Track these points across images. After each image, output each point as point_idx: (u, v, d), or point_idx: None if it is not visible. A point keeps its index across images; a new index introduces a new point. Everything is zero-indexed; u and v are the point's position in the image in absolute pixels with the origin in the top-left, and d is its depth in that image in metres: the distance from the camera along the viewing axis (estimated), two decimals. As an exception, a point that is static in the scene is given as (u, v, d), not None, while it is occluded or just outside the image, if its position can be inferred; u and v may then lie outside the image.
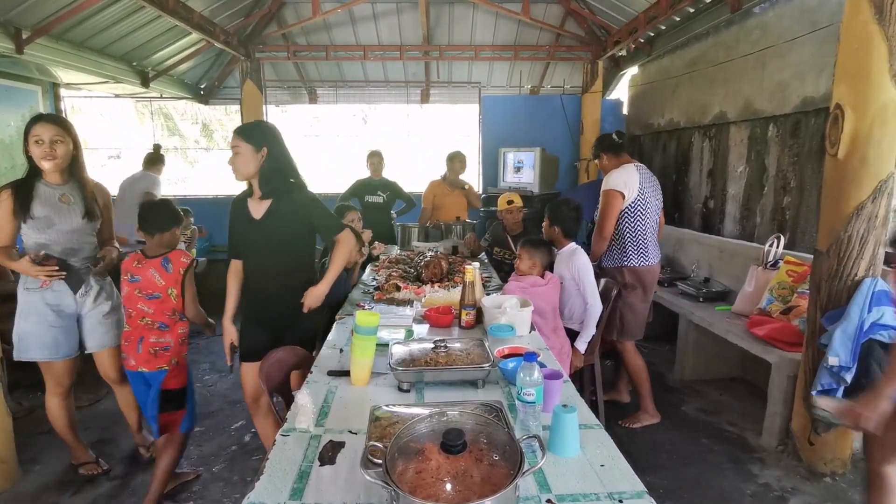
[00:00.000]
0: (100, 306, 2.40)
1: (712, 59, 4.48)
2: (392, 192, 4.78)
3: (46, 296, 2.26)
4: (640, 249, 2.90)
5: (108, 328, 2.42)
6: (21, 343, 2.28)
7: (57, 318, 2.28)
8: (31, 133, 2.16)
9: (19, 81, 5.05)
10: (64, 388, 2.41)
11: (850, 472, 2.51)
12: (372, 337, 1.63)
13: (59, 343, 2.30)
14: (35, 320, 2.25)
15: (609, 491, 1.12)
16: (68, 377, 2.41)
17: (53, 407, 2.42)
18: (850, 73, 2.26)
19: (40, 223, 2.20)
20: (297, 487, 1.13)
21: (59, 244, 2.25)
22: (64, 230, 2.25)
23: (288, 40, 5.98)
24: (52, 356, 2.31)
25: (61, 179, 2.27)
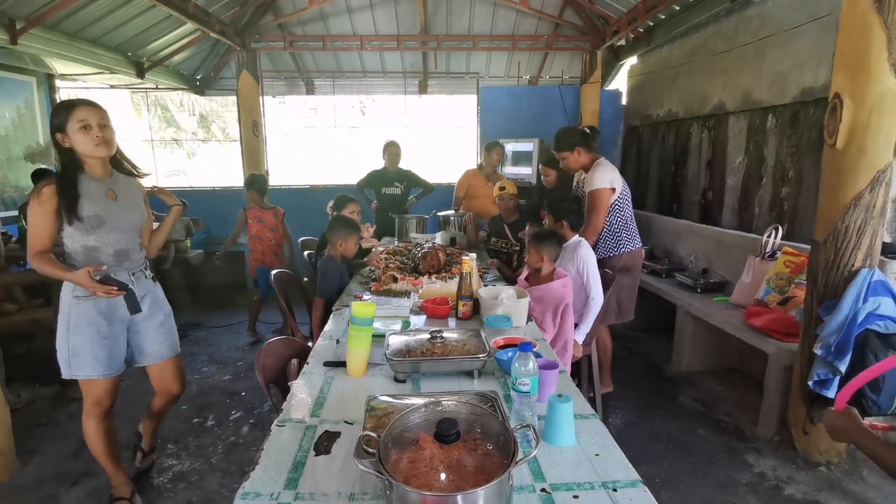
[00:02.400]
0: (154, 315, 2.16)
1: (711, 49, 4.45)
2: (409, 183, 4.75)
3: (100, 304, 1.96)
4: (631, 235, 3.08)
5: (164, 337, 2.21)
6: (73, 360, 1.98)
7: (109, 328, 2.00)
8: (74, 118, 1.85)
9: (13, 73, 5.01)
10: (103, 409, 2.11)
11: (844, 462, 2.52)
12: (368, 328, 1.63)
13: (112, 356, 2.03)
14: (86, 332, 1.96)
15: (603, 480, 1.12)
16: (110, 397, 2.11)
17: (90, 429, 2.11)
18: (849, 63, 2.25)
19: (90, 223, 1.90)
20: (291, 477, 1.14)
21: (111, 246, 1.98)
22: (115, 230, 1.98)
23: (284, 30, 5.92)
24: (105, 372, 2.03)
25: (105, 172, 1.98)
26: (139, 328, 2.13)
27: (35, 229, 1.88)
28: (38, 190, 1.86)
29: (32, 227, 1.88)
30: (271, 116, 6.46)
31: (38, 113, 5.37)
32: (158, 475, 2.48)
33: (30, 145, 5.27)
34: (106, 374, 2.04)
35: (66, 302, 1.96)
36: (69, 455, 2.64)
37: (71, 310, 1.95)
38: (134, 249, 2.07)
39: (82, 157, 1.91)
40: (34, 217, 1.87)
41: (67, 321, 1.95)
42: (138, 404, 2.93)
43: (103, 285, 1.87)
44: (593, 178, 2.94)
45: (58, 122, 1.87)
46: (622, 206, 3.02)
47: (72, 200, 1.86)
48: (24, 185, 5.16)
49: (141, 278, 2.11)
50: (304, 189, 6.55)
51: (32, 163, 5.25)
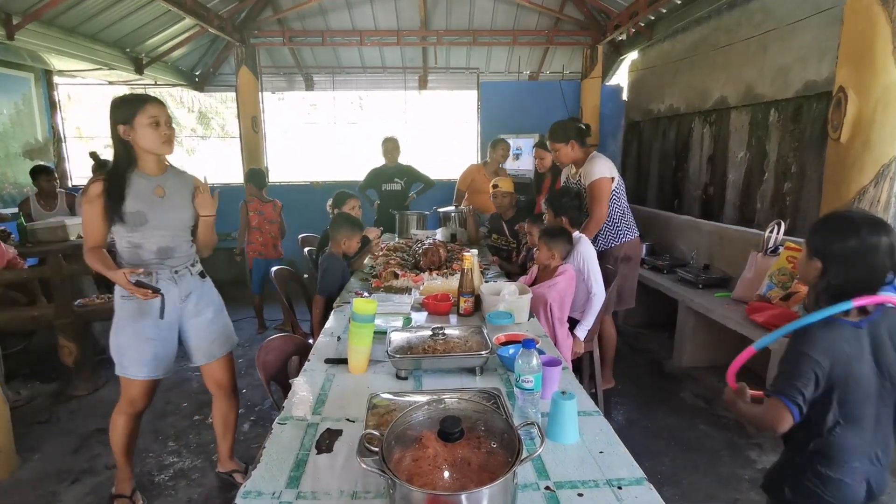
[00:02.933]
0: (202, 313, 2.11)
1: (713, 44, 4.42)
2: (409, 178, 4.73)
3: (143, 304, 1.93)
4: (629, 224, 3.10)
5: (216, 335, 2.16)
6: (120, 359, 2.00)
7: (155, 330, 1.98)
8: (146, 113, 1.84)
9: (11, 69, 4.98)
10: (135, 411, 2.11)
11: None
12: (369, 324, 1.62)
13: (157, 358, 2.01)
14: (130, 333, 1.96)
15: (608, 477, 1.11)
16: (145, 400, 2.11)
17: (118, 424, 2.13)
18: (854, 56, 2.23)
19: (133, 220, 1.89)
20: (293, 476, 1.13)
21: (154, 243, 1.95)
22: (158, 227, 1.95)
23: (283, 25, 5.89)
24: (150, 374, 2.01)
25: (158, 168, 1.97)
26: (188, 326, 2.09)
27: (87, 226, 1.91)
28: (86, 188, 1.87)
29: (84, 224, 1.92)
30: (270, 113, 6.43)
31: (36, 109, 5.35)
32: (159, 472, 2.48)
33: (28, 142, 5.25)
34: (150, 377, 2.03)
35: (115, 301, 1.98)
36: (69, 452, 2.64)
37: (121, 309, 1.97)
38: (180, 247, 2.03)
39: (141, 151, 1.90)
40: (85, 215, 1.90)
41: (116, 320, 1.99)
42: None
43: (138, 288, 1.85)
44: (592, 169, 2.95)
45: (125, 115, 1.85)
46: (619, 195, 3.04)
47: (117, 199, 1.87)
48: (23, 181, 5.13)
49: (186, 275, 2.05)
50: (304, 185, 6.53)
51: (31, 159, 5.23)
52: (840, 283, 1.24)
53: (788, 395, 1.21)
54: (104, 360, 3.76)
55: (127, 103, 1.87)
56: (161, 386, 3.33)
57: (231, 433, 2.37)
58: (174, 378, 3.43)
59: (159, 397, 3.21)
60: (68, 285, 3.30)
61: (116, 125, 1.87)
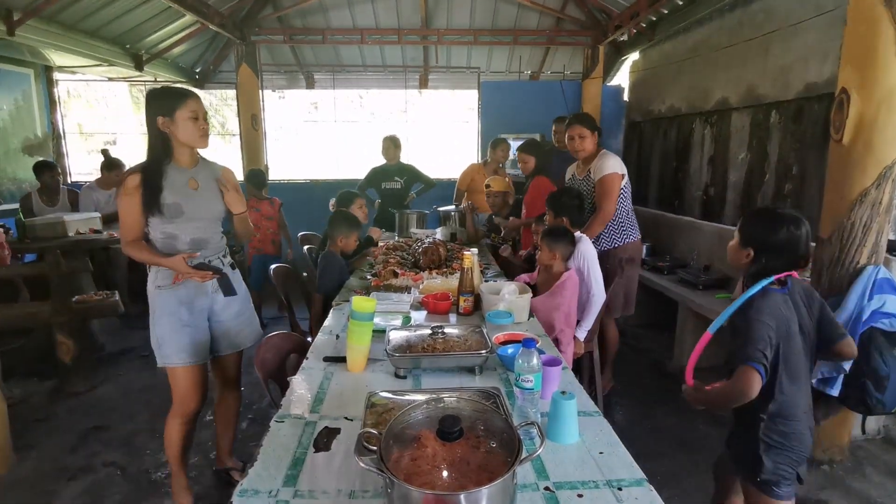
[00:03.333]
0: (231, 304, 2.12)
1: (715, 44, 4.41)
2: (409, 176, 4.72)
3: (179, 293, 1.97)
4: (633, 225, 3.10)
5: (241, 326, 2.17)
6: (161, 349, 2.00)
7: (190, 316, 2.00)
8: (188, 107, 1.86)
9: (11, 64, 4.97)
10: (190, 410, 2.08)
11: (847, 460, 2.51)
12: (368, 323, 1.61)
13: (195, 343, 2.02)
14: (167, 321, 1.97)
15: (608, 478, 1.10)
16: (196, 396, 2.08)
17: (172, 429, 2.09)
18: (857, 57, 2.22)
19: (169, 212, 1.91)
20: (290, 474, 1.12)
21: (188, 234, 1.97)
22: (193, 219, 1.97)
23: (284, 23, 5.88)
24: (190, 360, 2.02)
25: (191, 161, 1.98)
26: (219, 318, 2.10)
27: (125, 219, 1.91)
28: (123, 180, 1.87)
29: (122, 216, 1.91)
30: (271, 111, 6.42)
31: (35, 105, 5.34)
32: (156, 470, 2.47)
33: (27, 137, 5.24)
34: (191, 362, 2.03)
35: (150, 293, 1.99)
36: (67, 450, 2.62)
37: (154, 300, 1.98)
38: (212, 238, 2.06)
39: (177, 144, 1.92)
40: (123, 207, 1.90)
41: (153, 311, 1.99)
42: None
43: (199, 271, 1.92)
44: (604, 164, 2.93)
45: (166, 107, 1.86)
46: (626, 195, 3.03)
47: (154, 191, 1.88)
48: (22, 177, 5.12)
49: (218, 266, 2.07)
50: (305, 184, 6.52)
51: (30, 155, 5.22)
52: (771, 266, 1.45)
53: (754, 358, 1.35)
54: (102, 357, 3.76)
55: (169, 96, 1.89)
56: (158, 384, 3.36)
57: (232, 429, 2.38)
58: (172, 376, 3.42)
59: (157, 394, 3.21)
60: (66, 282, 3.29)
61: (156, 116, 1.87)
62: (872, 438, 2.68)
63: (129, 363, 3.71)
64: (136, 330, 4.29)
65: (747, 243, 1.51)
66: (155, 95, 1.91)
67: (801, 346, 1.47)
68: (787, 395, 1.44)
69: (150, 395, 3.20)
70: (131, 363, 3.71)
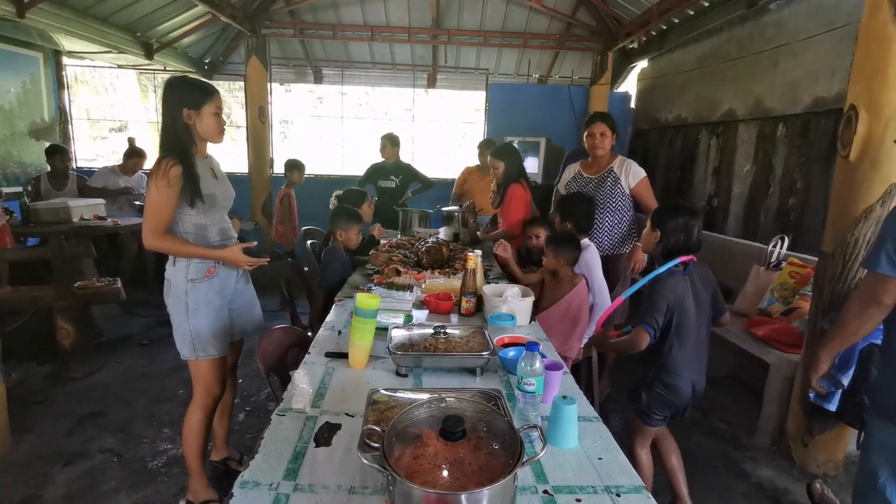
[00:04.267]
0: (246, 292, 2.15)
1: (724, 56, 4.42)
2: (406, 176, 4.72)
3: (214, 284, 1.96)
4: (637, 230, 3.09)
5: (251, 314, 2.19)
6: (198, 342, 1.95)
7: (223, 305, 2.02)
8: (214, 103, 1.89)
9: (20, 47, 4.97)
10: (214, 398, 2.07)
11: (841, 475, 2.51)
12: (371, 320, 1.62)
13: (226, 334, 2.04)
14: (205, 313, 1.95)
15: (606, 484, 1.11)
16: (220, 384, 2.08)
17: (196, 422, 2.04)
18: (867, 74, 2.22)
19: (209, 202, 1.90)
20: (291, 468, 1.12)
21: (216, 224, 1.98)
22: (221, 208, 2.00)
23: (295, 17, 5.88)
24: (224, 351, 2.04)
25: (204, 152, 1.98)
26: (237, 304, 2.10)
27: (162, 210, 1.82)
28: (165, 171, 1.78)
29: (157, 206, 1.81)
30: (277, 104, 6.43)
31: (43, 89, 5.34)
32: (153, 458, 2.47)
33: (34, 121, 5.24)
34: (225, 353, 2.06)
35: (179, 286, 1.91)
36: (63, 434, 2.63)
37: (188, 294, 1.92)
38: (230, 227, 2.09)
39: (199, 137, 1.91)
40: (161, 198, 1.80)
41: (185, 305, 1.92)
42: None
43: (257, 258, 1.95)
44: (636, 168, 3.02)
45: (194, 100, 1.85)
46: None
47: (196, 182, 1.85)
48: (28, 161, 5.13)
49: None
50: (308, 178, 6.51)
51: (37, 139, 5.22)
52: (670, 247, 1.86)
53: (648, 322, 1.77)
54: (101, 343, 3.76)
55: (197, 90, 1.88)
56: (157, 372, 3.37)
57: (228, 417, 2.38)
58: (171, 364, 3.43)
59: (155, 382, 3.22)
60: (69, 267, 3.29)
61: (182, 108, 1.84)
62: (867, 455, 2.68)
63: (127, 350, 3.72)
64: (135, 317, 4.30)
65: (655, 226, 1.91)
66: (181, 86, 1.89)
67: (695, 318, 1.86)
68: (673, 356, 1.85)
69: (147, 383, 3.21)
70: (130, 350, 3.72)
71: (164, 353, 3.60)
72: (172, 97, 1.86)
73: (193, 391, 2.05)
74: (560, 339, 2.27)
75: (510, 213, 3.25)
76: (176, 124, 1.85)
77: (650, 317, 1.76)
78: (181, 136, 1.86)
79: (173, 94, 1.86)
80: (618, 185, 3.00)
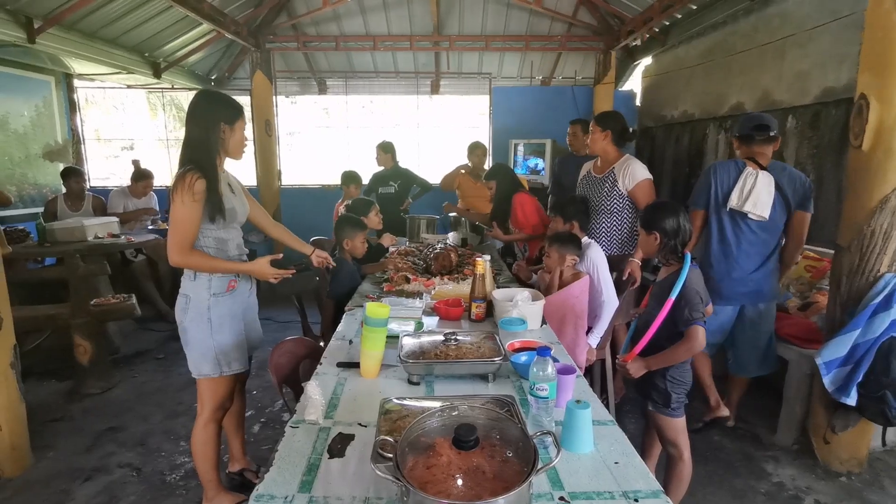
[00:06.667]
0: (254, 306, 2.16)
1: (729, 49, 4.38)
2: (404, 181, 4.74)
3: (235, 298, 1.97)
4: None
5: (258, 328, 2.19)
6: (223, 357, 1.95)
7: (242, 320, 2.02)
8: (242, 120, 1.92)
9: (32, 71, 5.08)
10: (225, 411, 2.10)
11: (865, 472, 2.46)
12: (382, 329, 1.62)
13: (246, 346, 2.06)
14: (229, 327, 1.95)
15: (624, 489, 1.09)
16: (232, 398, 2.10)
17: (208, 437, 2.03)
18: (876, 63, 2.19)
19: (230, 217, 1.91)
20: (305, 480, 1.12)
21: (234, 239, 1.98)
22: (238, 223, 2.01)
23: (298, 30, 5.95)
24: (246, 365, 2.06)
25: (222, 167, 1.96)
26: (249, 318, 2.10)
27: (188, 226, 1.80)
28: (190, 185, 1.76)
29: (184, 222, 1.79)
30: (283, 117, 6.49)
31: (56, 112, 5.45)
32: (171, 472, 2.49)
33: (48, 143, 5.34)
34: (246, 367, 2.09)
35: (202, 302, 1.89)
36: (82, 450, 2.66)
37: (210, 309, 1.91)
38: (242, 241, 2.08)
39: (225, 152, 1.92)
40: (186, 212, 1.78)
41: (208, 321, 1.90)
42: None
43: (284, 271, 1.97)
44: (637, 170, 2.86)
45: (231, 116, 1.88)
46: None
47: (219, 196, 1.85)
48: (43, 182, 5.23)
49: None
50: (316, 189, 6.57)
51: (50, 161, 5.32)
52: (673, 244, 1.88)
53: (700, 319, 1.78)
54: (117, 359, 3.81)
55: (233, 105, 1.91)
56: (172, 386, 3.40)
57: (243, 429, 2.40)
58: (186, 378, 3.45)
59: (170, 397, 3.25)
60: (84, 285, 3.34)
61: (219, 122, 1.85)
62: (891, 450, 2.62)
63: (143, 365, 3.76)
64: (149, 332, 4.35)
65: (651, 229, 1.91)
66: (219, 101, 1.89)
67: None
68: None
69: (163, 397, 3.24)
70: (145, 365, 3.76)
71: (179, 367, 3.63)
72: (209, 111, 1.85)
73: (201, 406, 2.03)
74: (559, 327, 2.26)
75: (527, 219, 3.31)
76: (210, 138, 1.84)
77: (697, 312, 1.77)
78: (212, 149, 1.85)
79: (211, 108, 1.86)
80: (615, 187, 2.91)
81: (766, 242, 2.54)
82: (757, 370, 2.71)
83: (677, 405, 1.90)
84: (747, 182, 2.45)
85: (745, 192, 2.45)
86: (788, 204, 2.48)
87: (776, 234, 2.54)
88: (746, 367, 2.72)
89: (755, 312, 2.59)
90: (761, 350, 2.66)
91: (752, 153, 2.52)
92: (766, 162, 2.50)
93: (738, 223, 2.51)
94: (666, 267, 1.94)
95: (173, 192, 1.79)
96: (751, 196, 2.44)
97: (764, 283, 2.55)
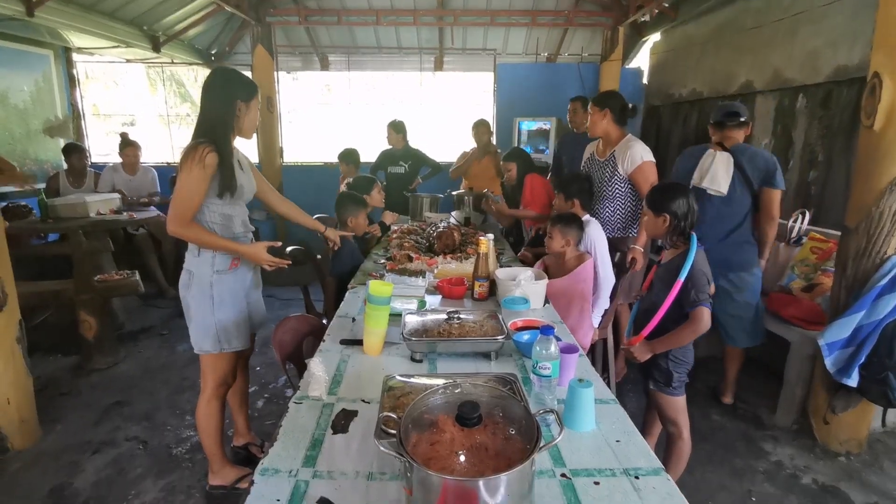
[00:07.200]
0: (259, 284, 2.17)
1: (740, 26, 4.27)
2: (415, 161, 4.70)
3: (238, 275, 1.97)
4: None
5: (262, 307, 2.20)
6: (224, 334, 1.96)
7: (244, 298, 2.03)
8: (257, 98, 1.91)
9: (31, 45, 5.01)
10: (228, 387, 2.12)
11: (865, 453, 2.48)
12: (385, 306, 1.62)
13: (248, 325, 2.08)
14: (230, 305, 1.95)
15: (625, 467, 1.10)
16: (234, 372, 2.13)
17: (213, 411, 2.06)
18: (890, 41, 2.13)
19: (238, 192, 1.90)
20: (309, 455, 1.13)
21: (239, 215, 1.97)
22: (244, 199, 2.01)
23: (299, 4, 5.82)
24: (246, 342, 2.07)
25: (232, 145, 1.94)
26: (251, 298, 2.11)
27: (192, 197, 1.77)
28: (202, 157, 1.73)
29: (188, 192, 1.76)
30: (284, 93, 6.40)
31: (55, 86, 5.38)
32: (177, 445, 2.53)
33: (48, 119, 5.30)
34: (247, 345, 2.10)
35: (205, 278, 1.90)
36: (90, 424, 2.70)
37: (213, 286, 1.91)
38: (248, 218, 2.07)
39: (238, 129, 1.90)
40: (193, 183, 1.75)
41: (210, 298, 1.91)
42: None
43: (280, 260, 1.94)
44: (638, 151, 2.79)
45: (248, 93, 1.87)
46: None
47: (231, 172, 1.84)
48: (43, 158, 5.20)
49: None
50: (318, 166, 6.52)
51: (51, 136, 5.28)
52: (683, 226, 1.86)
53: (706, 300, 1.78)
54: (123, 334, 3.84)
55: (250, 83, 1.90)
56: (177, 362, 3.43)
57: (246, 405, 2.43)
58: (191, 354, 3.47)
59: (175, 372, 3.29)
60: (88, 261, 3.35)
61: (236, 99, 1.84)
62: (891, 431, 2.64)
63: (147, 341, 3.79)
64: (154, 308, 4.38)
65: (659, 211, 1.89)
66: (237, 78, 1.88)
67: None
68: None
69: (168, 373, 3.28)
70: (150, 341, 3.79)
71: (184, 343, 3.66)
72: (228, 87, 1.84)
73: (205, 382, 2.06)
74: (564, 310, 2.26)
75: (536, 198, 3.36)
76: (226, 114, 1.82)
77: (703, 294, 1.77)
78: (228, 126, 1.84)
79: (229, 84, 1.85)
80: (616, 172, 2.85)
81: (729, 217, 2.69)
82: (746, 341, 2.82)
83: (678, 384, 1.92)
84: (706, 161, 2.68)
85: (704, 170, 2.68)
86: (750, 181, 2.62)
87: (741, 210, 2.68)
88: (735, 337, 2.84)
89: (727, 282, 2.71)
90: (747, 321, 2.78)
91: (724, 138, 2.71)
92: (730, 144, 2.68)
93: (703, 200, 2.63)
94: (671, 248, 1.93)
95: (182, 162, 1.77)
96: (708, 173, 2.65)
97: (730, 253, 2.68)
